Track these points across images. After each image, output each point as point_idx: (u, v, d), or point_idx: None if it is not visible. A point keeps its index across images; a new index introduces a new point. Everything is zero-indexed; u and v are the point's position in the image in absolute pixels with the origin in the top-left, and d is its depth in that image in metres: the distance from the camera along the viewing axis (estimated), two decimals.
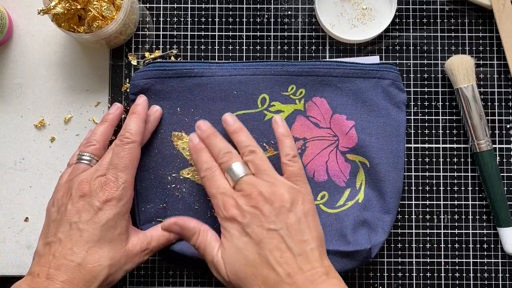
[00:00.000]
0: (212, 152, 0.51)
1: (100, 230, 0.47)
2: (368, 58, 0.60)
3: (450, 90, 0.60)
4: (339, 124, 0.56)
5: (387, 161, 0.56)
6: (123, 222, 0.49)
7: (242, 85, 0.56)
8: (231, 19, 0.60)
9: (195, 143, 0.52)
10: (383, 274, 0.59)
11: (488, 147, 0.57)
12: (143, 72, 0.56)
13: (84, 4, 0.54)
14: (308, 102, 0.57)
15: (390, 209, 0.55)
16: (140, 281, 0.59)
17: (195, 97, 0.56)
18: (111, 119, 0.55)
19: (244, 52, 0.60)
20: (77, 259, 0.46)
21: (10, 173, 0.59)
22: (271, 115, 0.56)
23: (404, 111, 0.57)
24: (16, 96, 0.60)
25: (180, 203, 0.56)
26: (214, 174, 0.50)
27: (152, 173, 0.56)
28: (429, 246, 0.59)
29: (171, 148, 0.56)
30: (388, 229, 0.55)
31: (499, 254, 0.59)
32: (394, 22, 0.60)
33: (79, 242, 0.47)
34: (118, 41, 0.59)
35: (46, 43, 0.60)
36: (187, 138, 0.56)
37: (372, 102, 0.56)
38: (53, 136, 0.60)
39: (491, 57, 0.60)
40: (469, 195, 0.59)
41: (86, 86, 0.60)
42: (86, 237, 0.47)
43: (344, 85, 0.56)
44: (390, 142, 0.56)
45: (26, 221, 0.59)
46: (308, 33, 0.60)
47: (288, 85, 0.56)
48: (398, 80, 0.57)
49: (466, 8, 0.60)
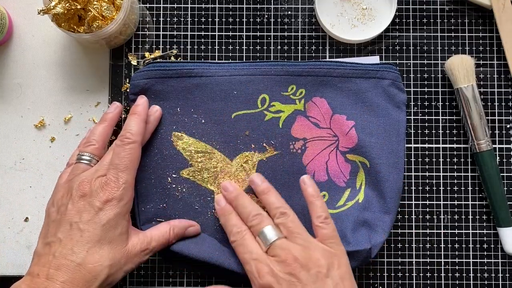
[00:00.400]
0: (241, 214, 0.51)
1: (100, 230, 0.47)
2: (368, 58, 0.60)
3: (450, 90, 0.60)
4: (339, 124, 0.56)
5: (387, 161, 0.56)
6: (124, 222, 0.49)
7: (242, 85, 0.56)
8: (231, 19, 0.60)
9: (222, 206, 0.52)
10: (383, 274, 0.59)
11: (488, 147, 0.57)
12: (143, 72, 0.56)
13: (84, 4, 0.54)
14: (308, 102, 0.57)
15: (390, 209, 0.55)
16: (140, 281, 0.59)
17: (195, 97, 0.56)
18: (110, 118, 0.55)
19: (244, 52, 0.60)
20: (78, 259, 0.46)
21: (10, 173, 0.59)
22: (271, 115, 0.56)
23: (404, 111, 0.57)
24: (16, 96, 0.60)
25: (180, 203, 0.56)
26: (245, 238, 0.49)
27: (152, 173, 0.56)
28: (429, 246, 0.59)
29: (171, 148, 0.56)
30: (388, 229, 0.55)
31: (499, 254, 0.59)
32: (394, 22, 0.60)
33: (80, 242, 0.47)
34: (118, 41, 0.59)
35: (46, 43, 0.60)
36: (187, 138, 0.56)
37: (372, 102, 0.56)
38: (53, 136, 0.60)
39: (491, 57, 0.60)
40: (469, 195, 0.59)
41: (86, 86, 0.60)
42: (87, 237, 0.47)
43: (344, 85, 0.56)
44: (390, 142, 0.56)
45: (26, 221, 0.59)
46: (308, 33, 0.60)
47: (288, 85, 0.56)
48: (398, 80, 0.57)
49: (466, 8, 0.60)
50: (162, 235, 0.52)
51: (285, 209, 0.50)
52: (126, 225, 0.50)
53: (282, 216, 0.49)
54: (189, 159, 0.56)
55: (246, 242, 0.49)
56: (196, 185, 0.56)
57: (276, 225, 0.49)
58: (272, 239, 0.48)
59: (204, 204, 0.56)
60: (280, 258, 0.47)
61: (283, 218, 0.49)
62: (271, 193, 0.52)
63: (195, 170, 0.56)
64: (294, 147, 0.57)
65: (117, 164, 0.50)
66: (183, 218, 0.56)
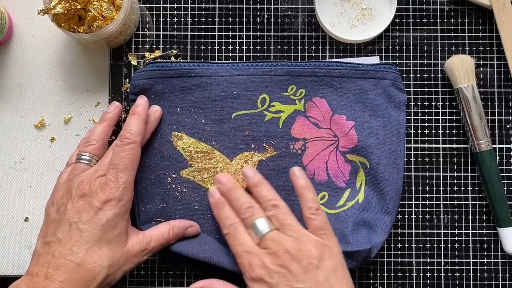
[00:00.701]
0: (233, 206, 0.51)
1: (100, 230, 0.47)
2: (368, 58, 0.60)
3: (450, 90, 0.60)
4: (339, 125, 0.56)
5: (387, 161, 0.56)
6: (123, 223, 0.49)
7: (242, 85, 0.56)
8: (231, 19, 0.60)
9: (216, 198, 0.52)
10: (383, 274, 0.59)
11: (488, 147, 0.57)
12: (143, 72, 0.56)
13: (84, 4, 0.54)
14: (308, 102, 0.57)
15: (390, 209, 0.55)
16: (140, 281, 0.59)
17: (195, 97, 0.56)
18: (109, 118, 0.55)
19: (244, 52, 0.60)
20: (77, 259, 0.46)
21: (10, 173, 0.59)
22: (271, 115, 0.56)
23: (404, 112, 0.57)
24: (16, 96, 0.60)
25: (180, 203, 0.56)
26: (237, 231, 0.49)
27: (152, 173, 0.56)
28: (429, 246, 0.59)
29: (171, 148, 0.56)
30: (387, 229, 0.55)
31: (499, 254, 0.59)
32: (394, 22, 0.60)
33: (79, 242, 0.47)
34: (118, 41, 0.59)
35: (46, 43, 0.60)
36: (187, 138, 0.56)
37: (372, 102, 0.56)
38: (53, 136, 0.60)
39: (491, 57, 0.60)
40: (469, 195, 0.59)
41: (86, 86, 0.60)
42: (86, 237, 0.47)
43: (344, 86, 0.56)
44: (390, 143, 0.56)
45: (26, 221, 0.59)
46: (308, 33, 0.60)
47: (288, 86, 0.56)
48: (398, 81, 0.57)
49: (466, 8, 0.60)
50: (162, 235, 0.52)
51: (277, 201, 0.50)
52: (125, 225, 0.50)
53: (273, 208, 0.49)
54: (188, 159, 0.56)
55: (238, 234, 0.49)
56: (196, 185, 0.56)
57: (268, 217, 0.49)
58: (263, 231, 0.48)
59: (204, 204, 0.56)
60: (271, 250, 0.47)
61: (275, 210, 0.49)
62: (263, 185, 0.51)
63: (195, 170, 0.56)
64: (294, 147, 0.57)
65: (117, 164, 0.50)
66: (183, 218, 0.56)
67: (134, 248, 0.50)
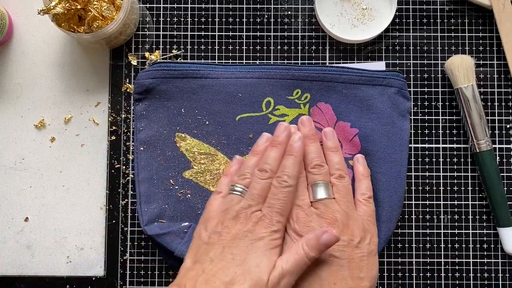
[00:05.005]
0: (306, 156, 0.53)
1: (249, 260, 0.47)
2: (374, 64, 0.60)
3: (450, 90, 0.60)
4: (343, 131, 0.56)
5: (389, 170, 0.55)
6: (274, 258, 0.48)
7: (247, 88, 0.56)
8: (231, 19, 0.60)
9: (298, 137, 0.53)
10: (383, 274, 0.59)
11: (488, 147, 0.57)
12: (148, 72, 0.56)
13: (84, 4, 0.54)
14: (312, 107, 0.56)
15: (390, 218, 0.55)
16: (140, 281, 0.59)
17: (199, 99, 0.56)
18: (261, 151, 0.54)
19: (244, 52, 0.60)
20: (226, 278, 0.46)
21: (10, 173, 0.59)
22: (276, 118, 0.56)
23: (408, 120, 0.57)
24: (16, 96, 0.60)
25: (182, 204, 0.56)
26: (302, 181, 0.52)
27: (155, 174, 0.56)
28: (429, 246, 0.59)
29: (174, 149, 0.56)
30: (385, 237, 0.55)
31: (499, 254, 0.59)
32: (394, 22, 0.60)
33: (230, 264, 0.46)
34: (118, 41, 0.59)
35: (46, 43, 0.60)
36: (190, 139, 0.56)
37: (378, 109, 0.56)
38: (53, 136, 0.60)
39: (491, 57, 0.60)
40: (469, 195, 0.59)
41: (86, 86, 0.60)
42: (238, 261, 0.47)
43: (350, 92, 0.56)
44: (394, 152, 0.56)
45: (26, 221, 0.59)
46: (308, 33, 0.60)
47: (294, 90, 0.56)
48: (404, 88, 0.57)
49: (466, 8, 0.60)
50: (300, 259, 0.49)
51: (345, 174, 0.52)
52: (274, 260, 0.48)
53: (339, 179, 0.52)
54: (192, 160, 0.56)
55: (299, 187, 0.51)
56: (198, 187, 0.56)
57: (331, 183, 0.52)
58: (322, 197, 0.50)
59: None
60: (321, 212, 0.50)
61: (339, 181, 0.52)
62: (338, 153, 0.54)
63: (198, 172, 0.56)
64: None
65: (273, 204, 0.49)
66: (185, 219, 0.55)
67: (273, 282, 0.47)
